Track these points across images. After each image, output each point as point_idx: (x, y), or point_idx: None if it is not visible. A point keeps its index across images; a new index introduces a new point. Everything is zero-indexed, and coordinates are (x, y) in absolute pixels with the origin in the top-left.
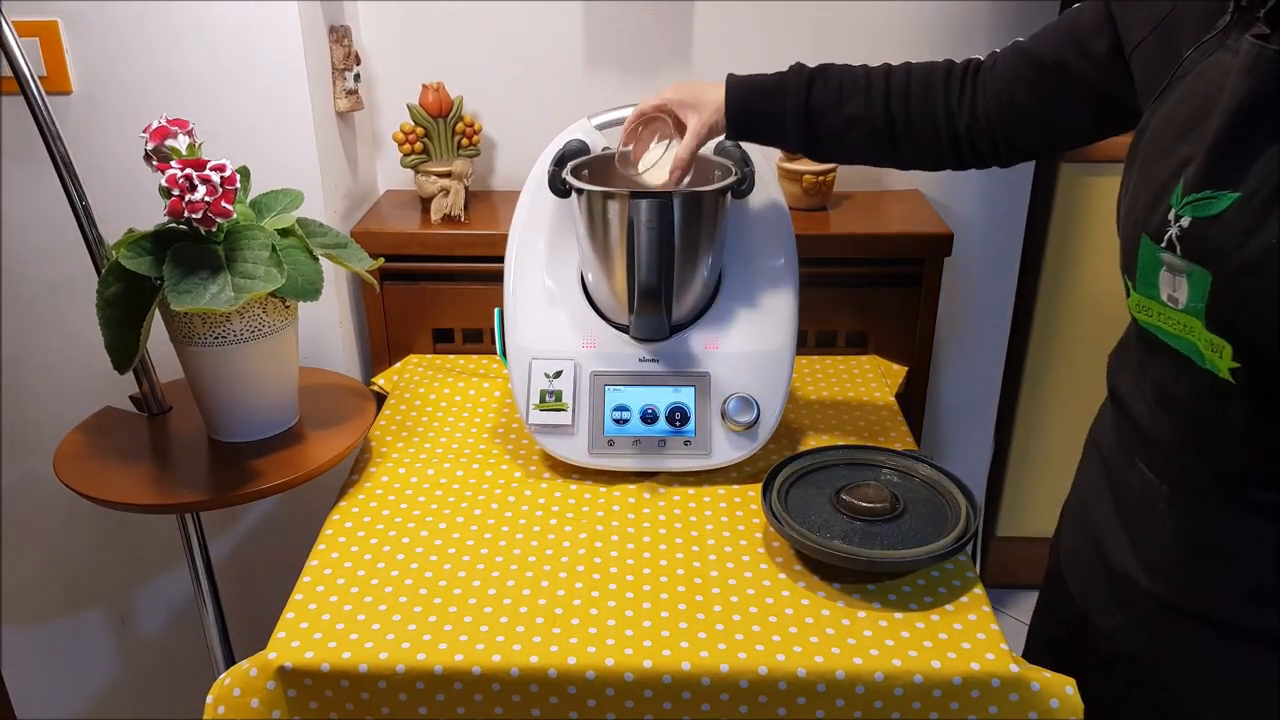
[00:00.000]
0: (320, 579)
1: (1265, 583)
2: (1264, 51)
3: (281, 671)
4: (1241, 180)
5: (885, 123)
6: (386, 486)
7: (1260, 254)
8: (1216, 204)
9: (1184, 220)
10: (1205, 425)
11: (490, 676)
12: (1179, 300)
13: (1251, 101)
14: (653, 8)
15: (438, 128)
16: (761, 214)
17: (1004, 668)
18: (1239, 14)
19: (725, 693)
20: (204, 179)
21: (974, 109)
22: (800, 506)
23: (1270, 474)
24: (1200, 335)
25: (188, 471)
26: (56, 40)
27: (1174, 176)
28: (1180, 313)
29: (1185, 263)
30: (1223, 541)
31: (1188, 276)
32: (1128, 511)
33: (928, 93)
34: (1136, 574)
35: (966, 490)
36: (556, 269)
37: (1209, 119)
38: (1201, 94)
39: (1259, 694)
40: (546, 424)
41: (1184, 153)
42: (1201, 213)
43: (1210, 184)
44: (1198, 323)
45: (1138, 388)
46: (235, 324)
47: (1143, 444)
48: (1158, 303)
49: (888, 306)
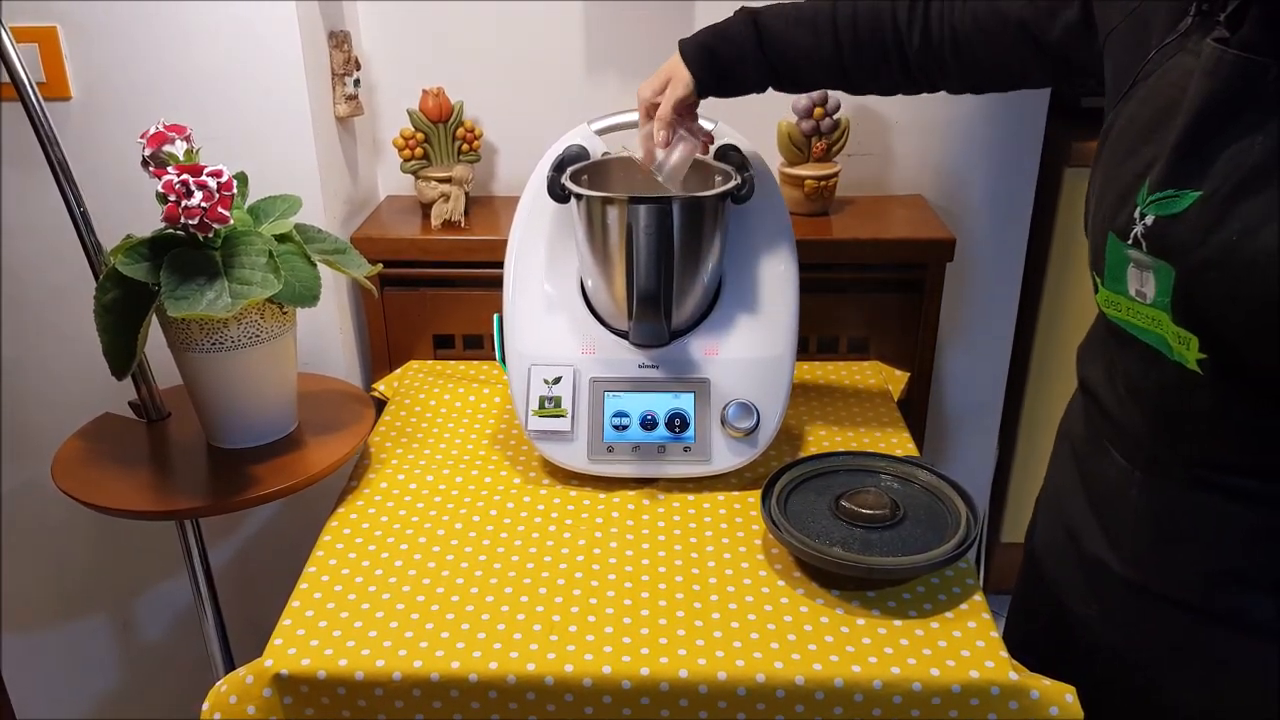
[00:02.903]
0: (318, 586)
1: (1236, 565)
2: (1224, 55)
3: (278, 679)
4: (1203, 180)
5: (833, 54)
6: (385, 493)
7: (1220, 250)
8: (1179, 202)
9: (1148, 218)
10: (1175, 415)
11: (487, 684)
12: (1147, 295)
13: (1212, 104)
14: (653, 12)
15: (438, 133)
16: (762, 219)
17: (1003, 675)
18: (1200, 17)
19: (723, 700)
20: (200, 185)
21: (926, 39)
22: (800, 513)
23: (1240, 460)
24: (1168, 328)
25: (186, 478)
26: (56, 46)
27: (1139, 176)
28: (1149, 307)
29: (1151, 259)
30: (1195, 526)
31: (1154, 272)
32: (1100, 500)
33: (877, 19)
34: (1110, 561)
35: (967, 496)
36: (556, 275)
37: (1172, 120)
38: (1164, 95)
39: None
40: (546, 430)
41: (1148, 154)
42: (1165, 211)
43: (1173, 183)
44: (1165, 316)
45: (1109, 379)
46: (233, 330)
47: (1115, 433)
48: (1126, 298)
49: (890, 312)
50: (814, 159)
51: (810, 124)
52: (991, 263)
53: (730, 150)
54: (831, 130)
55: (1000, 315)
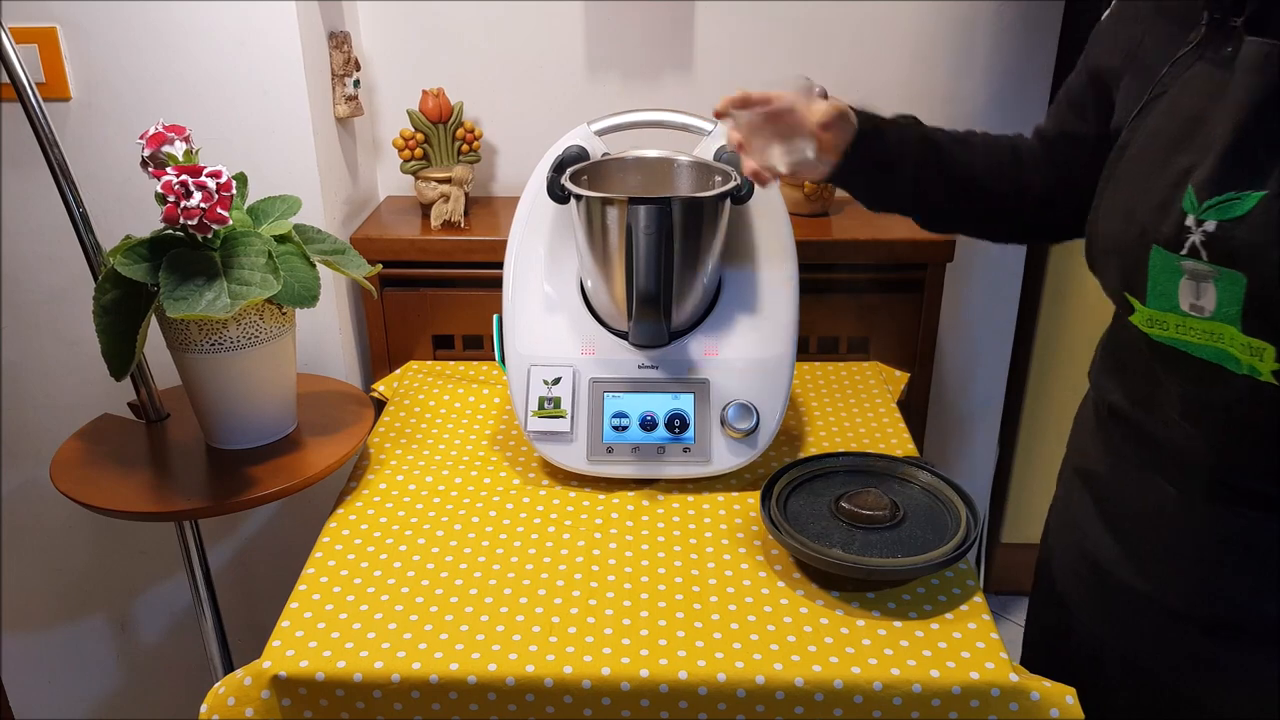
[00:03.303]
0: (317, 587)
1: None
2: (1272, 51)
3: (276, 680)
4: (1265, 178)
5: None
6: (385, 494)
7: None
8: (1241, 205)
9: (1208, 225)
10: (1245, 432)
11: (486, 686)
12: (1205, 308)
13: (1264, 100)
14: (653, 12)
15: (438, 133)
16: (762, 219)
17: (1004, 677)
18: (1211, 26)
19: (723, 702)
20: (200, 185)
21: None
22: (799, 514)
23: None
24: (1234, 341)
25: (185, 479)
26: (55, 47)
27: (1177, 185)
28: (1207, 320)
29: (1213, 267)
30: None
31: (1215, 282)
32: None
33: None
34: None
35: (967, 497)
36: (556, 275)
37: (1204, 127)
38: (1191, 104)
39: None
40: (545, 431)
41: (1183, 162)
42: (1227, 215)
43: (1230, 185)
44: (1230, 328)
45: (1152, 403)
46: (232, 331)
47: (1163, 460)
48: (1176, 314)
49: (890, 312)
50: None
51: None
52: (991, 263)
53: (729, 151)
54: None
55: (1000, 315)
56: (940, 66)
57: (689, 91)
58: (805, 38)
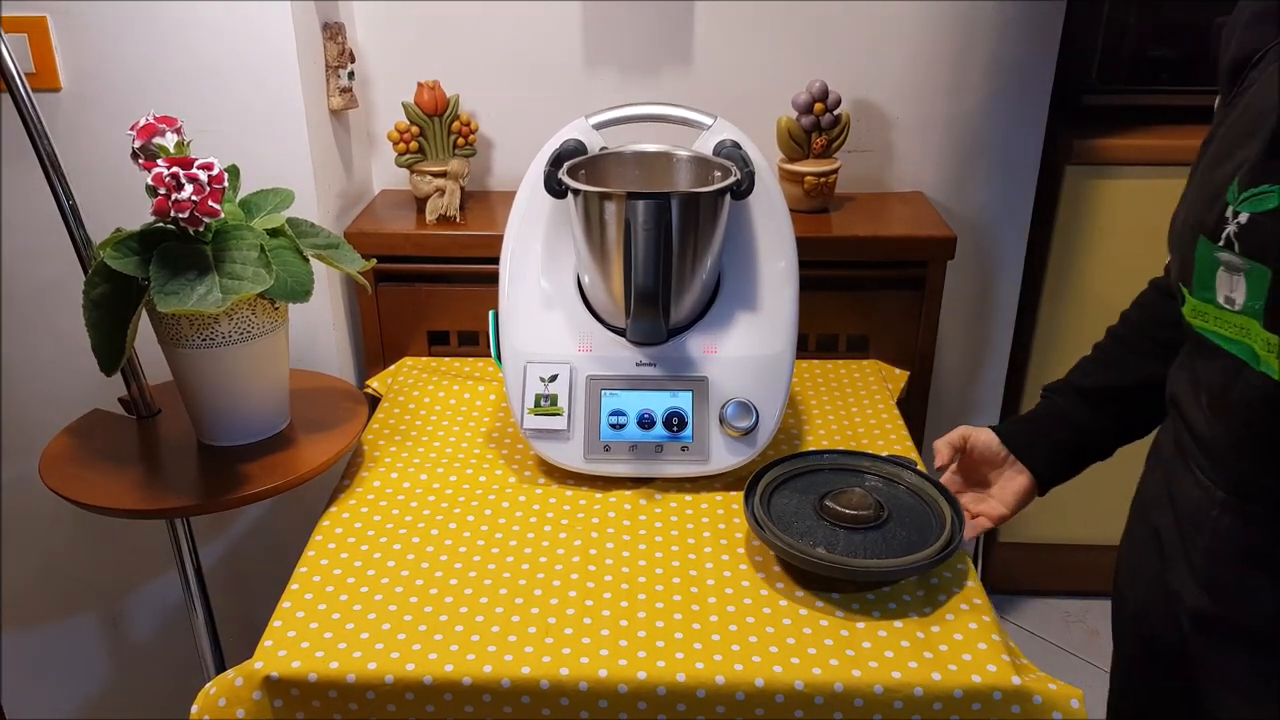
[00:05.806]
0: (309, 586)
1: None
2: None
3: (268, 681)
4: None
5: None
6: (378, 492)
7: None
8: (1273, 198)
9: (1241, 216)
10: (1263, 431)
11: (481, 687)
12: (1236, 301)
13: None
14: (652, 4)
15: (433, 126)
16: (761, 216)
17: (1006, 680)
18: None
19: (721, 705)
20: (191, 177)
21: None
22: (783, 513)
23: None
24: (1257, 336)
25: (176, 475)
26: (45, 36)
27: (1229, 177)
28: (1237, 314)
29: (1244, 260)
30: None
31: (1246, 275)
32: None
33: None
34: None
35: (952, 499)
36: (552, 271)
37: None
38: (1259, 104)
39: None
40: (541, 429)
41: (1241, 156)
42: (1259, 208)
43: (1266, 178)
44: (1255, 323)
45: (1193, 394)
46: (223, 325)
47: (1199, 451)
48: (1214, 306)
49: (890, 310)
50: (814, 155)
51: (810, 120)
52: (992, 261)
53: (729, 145)
54: (832, 126)
55: (1000, 313)
56: (940, 66)
57: (688, 85)
58: (805, 32)
